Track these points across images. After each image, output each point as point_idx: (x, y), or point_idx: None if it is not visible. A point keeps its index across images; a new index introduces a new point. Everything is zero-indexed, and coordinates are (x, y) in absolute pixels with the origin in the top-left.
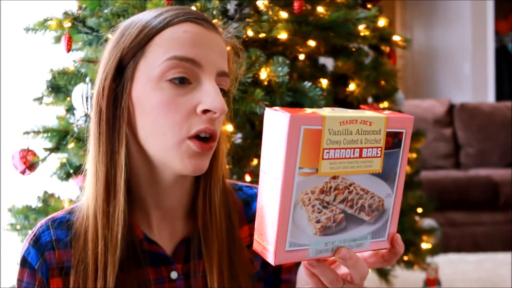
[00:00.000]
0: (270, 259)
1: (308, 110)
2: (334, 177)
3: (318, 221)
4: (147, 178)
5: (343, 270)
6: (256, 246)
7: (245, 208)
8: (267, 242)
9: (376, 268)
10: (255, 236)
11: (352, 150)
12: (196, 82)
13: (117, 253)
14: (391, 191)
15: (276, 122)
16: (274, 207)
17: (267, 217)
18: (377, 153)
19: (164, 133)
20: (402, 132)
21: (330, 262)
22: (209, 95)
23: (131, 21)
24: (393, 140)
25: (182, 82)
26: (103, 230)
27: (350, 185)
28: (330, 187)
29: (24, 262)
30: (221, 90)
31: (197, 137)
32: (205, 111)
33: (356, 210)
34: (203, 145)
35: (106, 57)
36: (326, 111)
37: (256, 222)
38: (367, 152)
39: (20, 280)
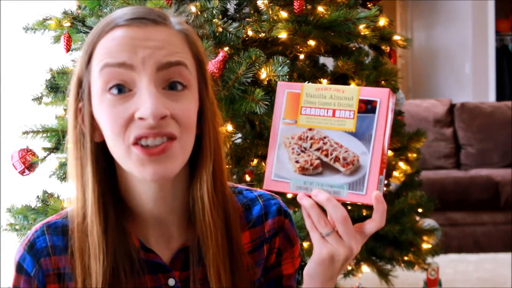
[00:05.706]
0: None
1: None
2: (310, 129)
3: (297, 162)
4: (135, 188)
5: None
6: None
7: (245, 213)
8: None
9: (370, 233)
10: None
11: (326, 110)
12: (136, 87)
13: (110, 263)
14: (366, 150)
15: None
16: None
17: None
18: (349, 115)
19: (115, 144)
20: (376, 101)
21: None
22: (142, 101)
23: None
24: (366, 106)
25: (121, 91)
26: (100, 242)
27: (325, 137)
28: (307, 136)
29: (20, 269)
30: (178, 83)
31: (141, 144)
32: (141, 118)
33: (331, 160)
34: (148, 151)
35: (73, 77)
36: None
37: None
38: (339, 113)
39: (16, 287)
